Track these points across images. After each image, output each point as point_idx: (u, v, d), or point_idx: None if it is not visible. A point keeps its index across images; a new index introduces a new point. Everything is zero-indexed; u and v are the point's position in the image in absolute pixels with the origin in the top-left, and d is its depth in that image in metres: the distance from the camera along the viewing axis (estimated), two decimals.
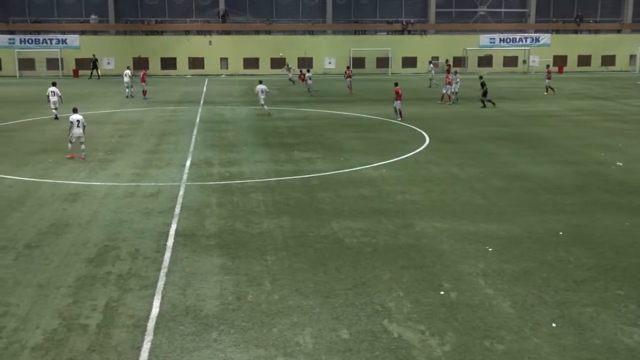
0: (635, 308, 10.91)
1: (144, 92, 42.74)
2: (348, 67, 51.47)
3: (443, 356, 9.40)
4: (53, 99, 32.32)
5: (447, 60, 62.94)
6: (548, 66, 49.62)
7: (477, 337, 9.96)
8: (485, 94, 36.92)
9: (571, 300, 11.20)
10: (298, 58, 61.49)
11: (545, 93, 44.32)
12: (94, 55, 60.03)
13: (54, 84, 33.47)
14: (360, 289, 11.70)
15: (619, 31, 68.43)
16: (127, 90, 42.89)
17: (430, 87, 48.26)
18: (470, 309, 10.90)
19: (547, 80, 44.90)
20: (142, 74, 43.85)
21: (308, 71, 47.28)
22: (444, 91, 39.97)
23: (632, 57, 65.76)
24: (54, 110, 32.33)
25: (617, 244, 14.06)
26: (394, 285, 11.88)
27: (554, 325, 10.33)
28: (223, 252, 13.57)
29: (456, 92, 39.85)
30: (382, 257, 13.32)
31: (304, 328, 10.22)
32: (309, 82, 45.43)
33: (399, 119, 31.99)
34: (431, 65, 52.16)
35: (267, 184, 19.43)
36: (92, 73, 59.79)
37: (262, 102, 33.81)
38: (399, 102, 32.37)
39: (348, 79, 46.79)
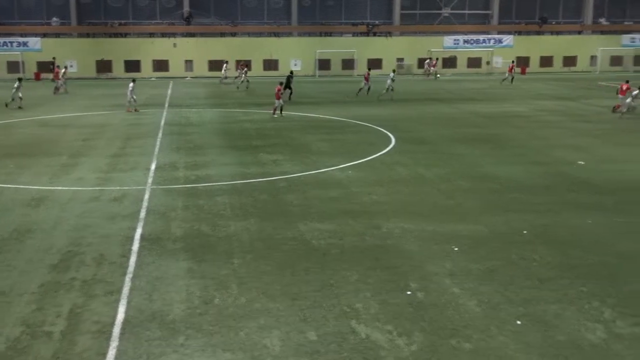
0: (598, 305, 11.09)
1: (57, 89, 44.95)
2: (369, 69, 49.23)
3: (411, 356, 9.45)
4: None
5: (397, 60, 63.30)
6: (513, 62, 54.86)
7: (444, 336, 10.03)
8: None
9: (536, 298, 11.35)
10: (264, 60, 61.35)
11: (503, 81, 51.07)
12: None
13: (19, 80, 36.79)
14: (328, 290, 11.71)
15: (579, 32, 69.56)
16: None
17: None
18: (437, 309, 10.98)
19: (507, 74, 51.32)
20: (55, 71, 45.37)
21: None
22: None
23: (593, 58, 66.89)
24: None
25: (581, 243, 14.28)
26: (362, 286, 11.90)
27: (519, 323, 10.45)
28: (189, 255, 13.47)
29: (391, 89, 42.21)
30: (350, 258, 13.34)
31: (272, 331, 10.19)
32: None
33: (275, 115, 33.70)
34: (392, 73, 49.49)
35: (233, 187, 19.34)
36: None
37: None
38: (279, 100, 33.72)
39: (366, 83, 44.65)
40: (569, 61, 67.33)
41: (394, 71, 45.93)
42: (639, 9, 70.62)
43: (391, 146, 25.58)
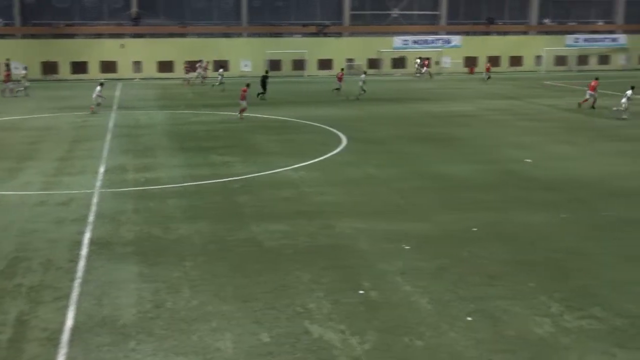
0: (545, 299, 11.34)
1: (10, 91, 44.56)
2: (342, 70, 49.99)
3: (364, 355, 9.50)
4: None
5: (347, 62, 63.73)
6: (488, 61, 59.57)
7: (396, 334, 10.12)
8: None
9: (486, 294, 11.54)
10: (214, 61, 60.84)
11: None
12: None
13: None
14: (281, 291, 11.70)
15: (525, 33, 70.94)
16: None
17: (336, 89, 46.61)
18: (389, 307, 11.07)
19: (485, 73, 54.93)
20: (6, 73, 45.45)
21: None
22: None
23: (538, 58, 68.28)
24: None
25: (529, 239, 14.57)
26: (315, 286, 11.92)
27: (469, 319, 10.61)
28: (140, 259, 13.29)
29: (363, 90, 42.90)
30: (302, 258, 13.35)
31: (224, 333, 10.13)
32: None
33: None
34: (363, 76, 48.96)
35: (184, 189, 19.16)
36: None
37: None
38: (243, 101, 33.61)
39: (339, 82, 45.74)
40: (515, 61, 68.58)
41: (365, 72, 46.93)
42: (582, 10, 72.41)
43: (343, 146, 25.69)
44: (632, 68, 67.64)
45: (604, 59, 70.32)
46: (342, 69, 49.87)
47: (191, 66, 55.90)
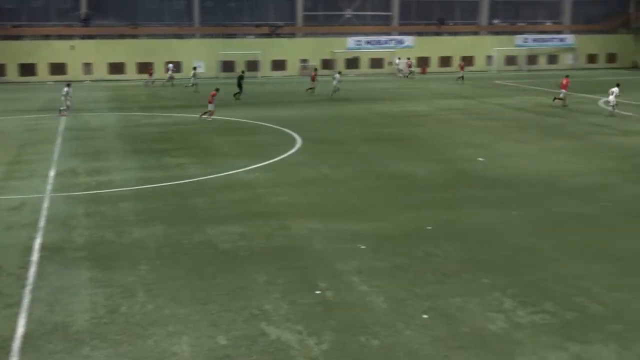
0: (499, 295, 11.53)
1: None
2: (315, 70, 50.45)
3: (321, 355, 9.53)
4: None
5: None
6: (462, 59, 59.97)
7: (353, 334, 10.17)
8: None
9: (441, 292, 11.68)
10: (166, 62, 60.09)
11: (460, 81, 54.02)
12: None
13: None
14: (237, 293, 11.65)
15: (476, 33, 71.96)
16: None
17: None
18: (346, 307, 11.12)
19: (460, 72, 54.95)
20: None
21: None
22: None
23: (489, 58, 69.31)
24: None
25: (482, 237, 14.80)
26: (271, 287, 11.91)
27: (425, 317, 10.73)
28: (93, 264, 13.08)
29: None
30: (259, 260, 13.32)
31: (181, 337, 10.05)
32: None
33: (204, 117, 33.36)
34: (336, 76, 47.75)
35: (138, 192, 18.92)
36: None
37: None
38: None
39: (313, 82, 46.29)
40: (467, 61, 69.46)
41: (339, 72, 47.34)
42: (531, 11, 73.73)
43: (298, 147, 25.70)
44: (580, 67, 69.17)
45: (552, 59, 71.75)
46: (316, 69, 50.38)
47: (175, 67, 55.13)
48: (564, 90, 37.81)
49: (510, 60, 70.16)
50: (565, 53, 71.76)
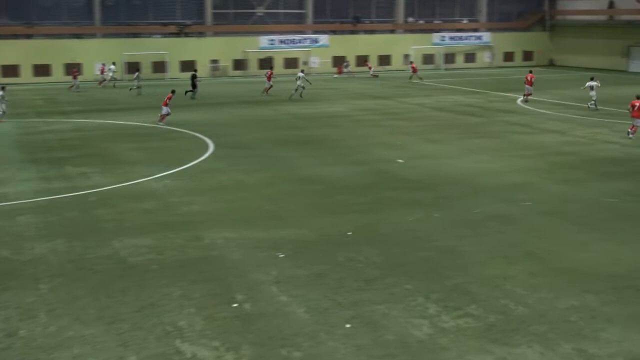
0: (422, 300, 11.30)
1: None
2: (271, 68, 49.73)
3: None
4: None
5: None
6: (411, 62, 59.52)
7: (273, 346, 9.78)
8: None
9: (364, 300, 11.36)
10: (65, 64, 57.60)
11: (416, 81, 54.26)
12: None
13: None
14: (149, 310, 11.00)
15: (392, 31, 72.44)
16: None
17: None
18: (265, 319, 10.68)
19: (412, 73, 55.23)
20: None
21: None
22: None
23: (406, 57, 69.74)
24: None
25: (403, 240, 14.61)
26: (185, 302, 11.32)
27: (348, 326, 10.41)
28: None
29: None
30: (171, 273, 12.68)
31: (88, 359, 9.31)
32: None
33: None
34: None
35: (37, 205, 17.77)
36: None
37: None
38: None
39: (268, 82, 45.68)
40: (384, 60, 69.77)
41: (302, 71, 47.09)
42: (448, 9, 74.92)
43: (209, 152, 24.92)
44: (497, 65, 70.73)
45: (470, 57, 72.75)
46: (271, 68, 49.97)
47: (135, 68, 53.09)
48: (528, 86, 39.11)
49: (428, 58, 70.63)
50: (482, 51, 73.06)
